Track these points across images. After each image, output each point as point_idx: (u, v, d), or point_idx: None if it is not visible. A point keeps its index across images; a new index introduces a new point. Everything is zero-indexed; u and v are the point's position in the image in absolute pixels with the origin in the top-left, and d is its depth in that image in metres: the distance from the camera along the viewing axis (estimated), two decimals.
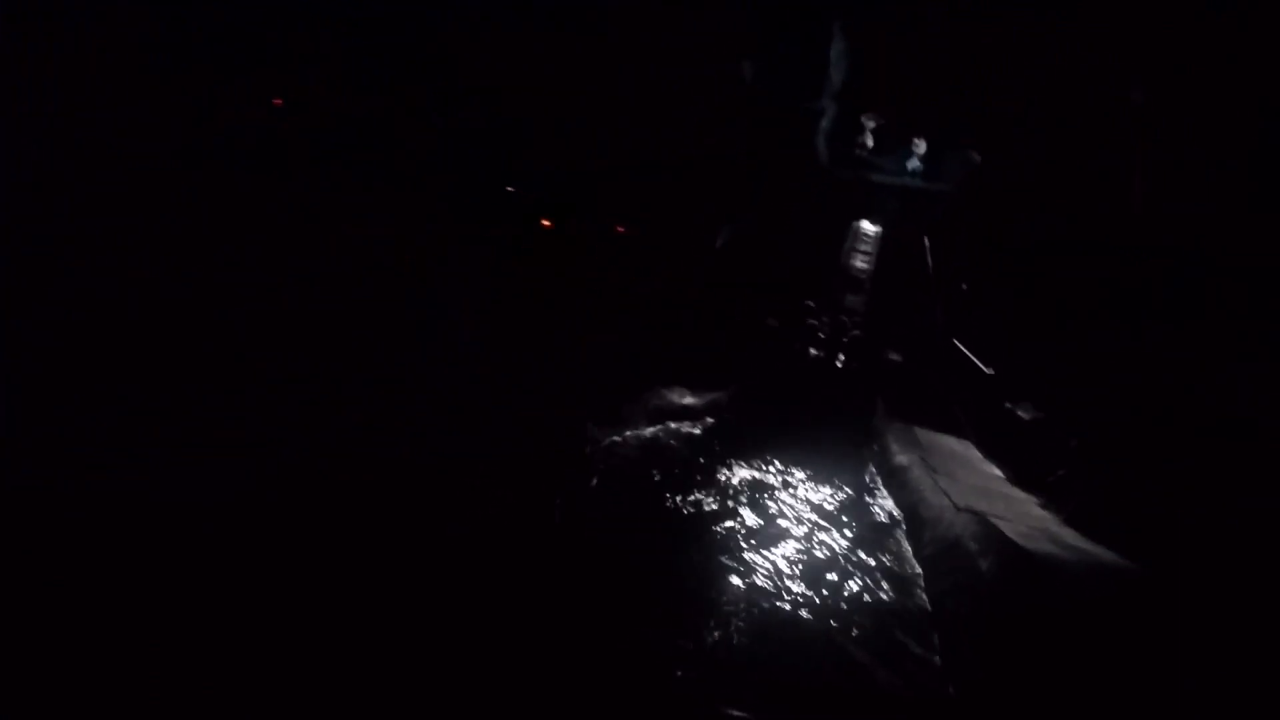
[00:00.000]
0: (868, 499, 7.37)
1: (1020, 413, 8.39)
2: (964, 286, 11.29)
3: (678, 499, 6.58)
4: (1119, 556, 5.47)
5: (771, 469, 7.70)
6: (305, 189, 7.37)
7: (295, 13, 7.36)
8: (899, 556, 6.12)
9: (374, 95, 7.99)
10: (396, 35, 8.28)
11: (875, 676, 4.59)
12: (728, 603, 5.04)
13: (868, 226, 14.29)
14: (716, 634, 4.70)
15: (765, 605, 5.11)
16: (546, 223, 10.53)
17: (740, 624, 4.85)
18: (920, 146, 14.50)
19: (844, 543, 6.23)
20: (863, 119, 14.79)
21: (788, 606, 5.16)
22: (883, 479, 7.98)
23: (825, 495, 7.29)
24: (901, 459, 8.00)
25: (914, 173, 14.48)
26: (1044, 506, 6.73)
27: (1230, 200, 6.42)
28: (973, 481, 7.19)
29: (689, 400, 9.33)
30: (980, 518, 5.77)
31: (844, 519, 6.75)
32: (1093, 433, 7.10)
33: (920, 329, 11.22)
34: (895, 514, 7.01)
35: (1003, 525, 5.59)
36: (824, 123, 14.74)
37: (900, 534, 6.56)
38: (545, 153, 10.37)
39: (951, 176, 13.80)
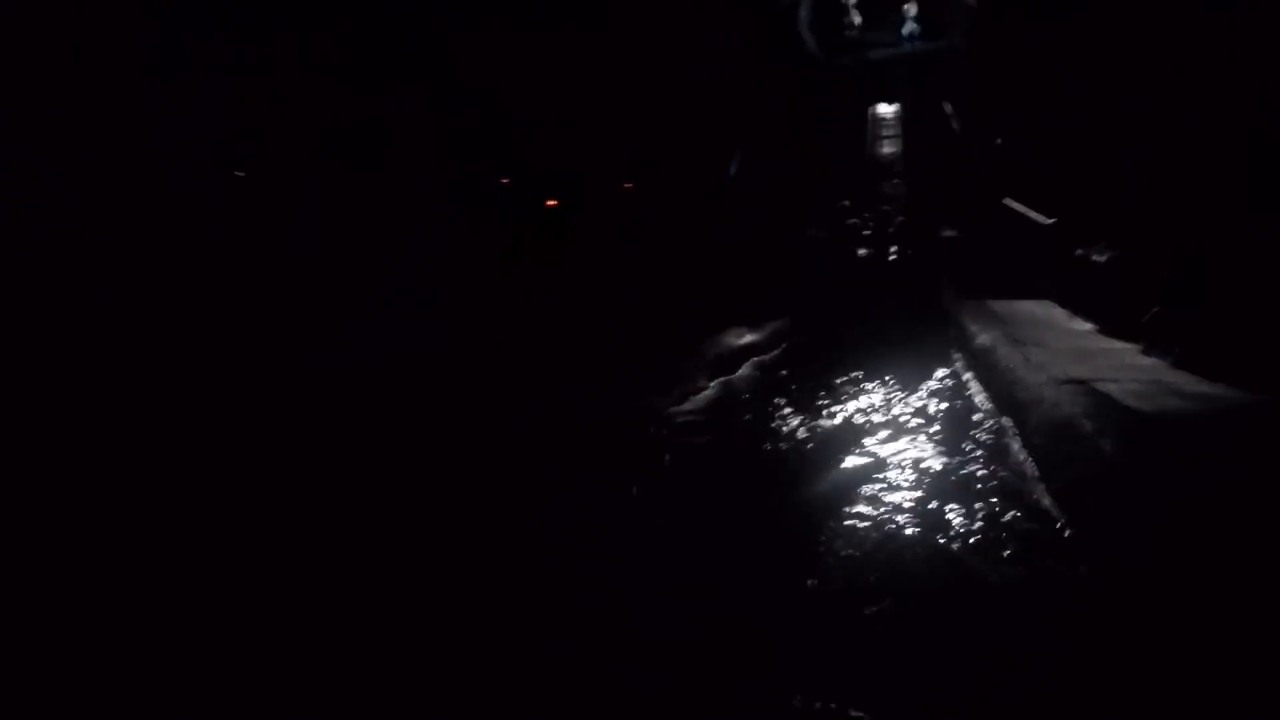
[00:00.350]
0: (959, 394, 6.81)
1: (1094, 256, 7.58)
2: (999, 142, 10.50)
3: (758, 451, 5.88)
4: (1246, 393, 4.85)
5: (849, 386, 7.17)
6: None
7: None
8: (1005, 455, 5.28)
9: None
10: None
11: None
12: (830, 549, 4.24)
13: (884, 109, 13.25)
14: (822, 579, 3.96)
15: (872, 545, 4.26)
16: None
17: (853, 561, 4.06)
18: (912, 8, 13.55)
19: (943, 455, 5.41)
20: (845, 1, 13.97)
21: (897, 545, 4.28)
22: (969, 366, 7.38)
23: (913, 401, 6.71)
24: (984, 339, 7.34)
25: (913, 37, 13.53)
26: (1147, 352, 6.16)
27: None
28: (1064, 345, 6.61)
29: (749, 338, 8.75)
30: (1086, 387, 5.10)
31: (938, 424, 6.10)
32: (1182, 258, 6.40)
33: (966, 198, 10.52)
34: (990, 405, 6.29)
35: (1112, 390, 4.94)
36: (802, 13, 13.71)
37: (1003, 425, 5.78)
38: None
39: (954, 29, 12.79)
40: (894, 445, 5.75)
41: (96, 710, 3.15)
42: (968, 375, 7.19)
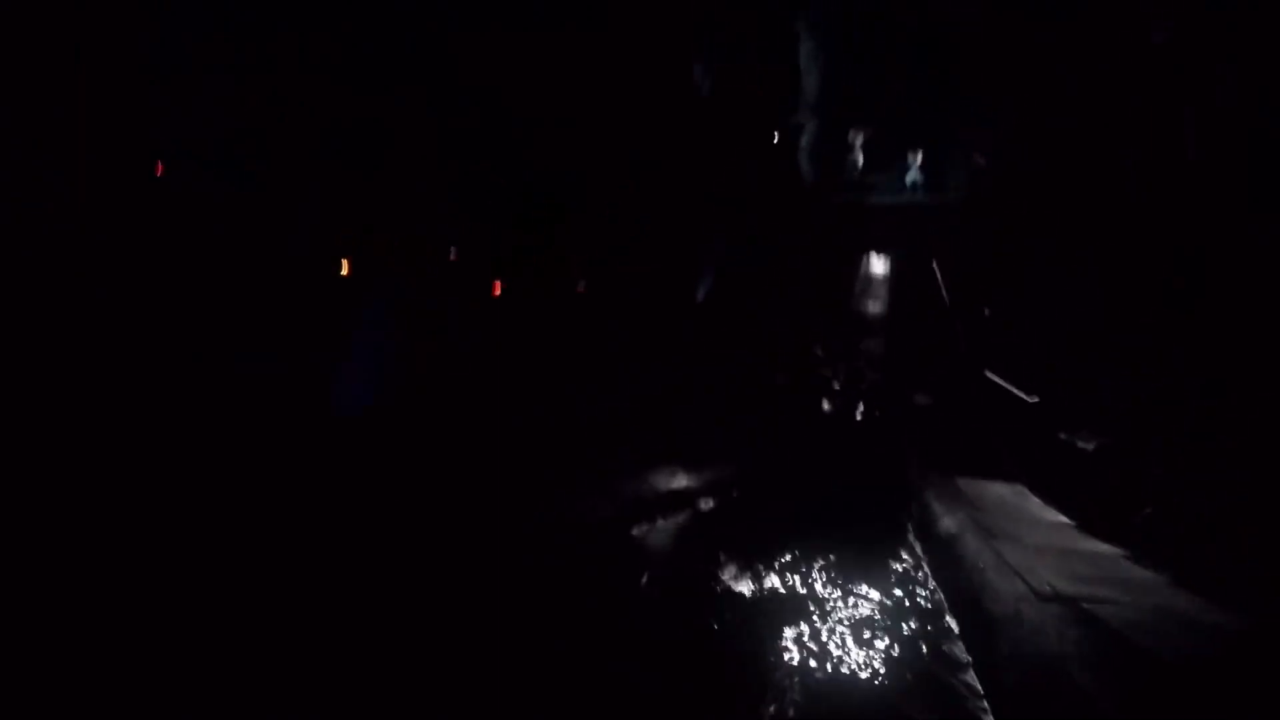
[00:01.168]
0: (910, 590, 5.64)
1: (1080, 443, 7.02)
2: (986, 311, 9.99)
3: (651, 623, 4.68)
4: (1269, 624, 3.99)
5: (785, 563, 6.01)
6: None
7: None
8: (961, 695, 4.09)
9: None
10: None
11: None
12: None
13: (875, 263, 12.59)
14: None
15: None
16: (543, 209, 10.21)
17: None
18: (917, 157, 12.67)
19: (883, 680, 4.27)
20: (850, 134, 12.82)
21: None
22: (927, 555, 6.39)
23: (855, 596, 5.50)
24: (948, 522, 6.44)
25: (915, 186, 12.63)
26: (1139, 560, 5.24)
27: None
28: (1041, 541, 5.67)
29: (683, 483, 7.72)
30: (1076, 609, 4.07)
31: (879, 633, 4.87)
32: (1181, 456, 5.86)
33: (945, 366, 10.04)
34: (947, 613, 5.18)
35: (1112, 618, 3.95)
36: (804, 139, 12.91)
37: (960, 649, 4.64)
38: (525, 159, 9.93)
39: (956, 185, 12.22)
40: (822, 657, 4.52)
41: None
42: (925, 570, 6.11)
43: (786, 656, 4.46)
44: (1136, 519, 5.80)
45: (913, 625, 5.00)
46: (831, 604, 5.34)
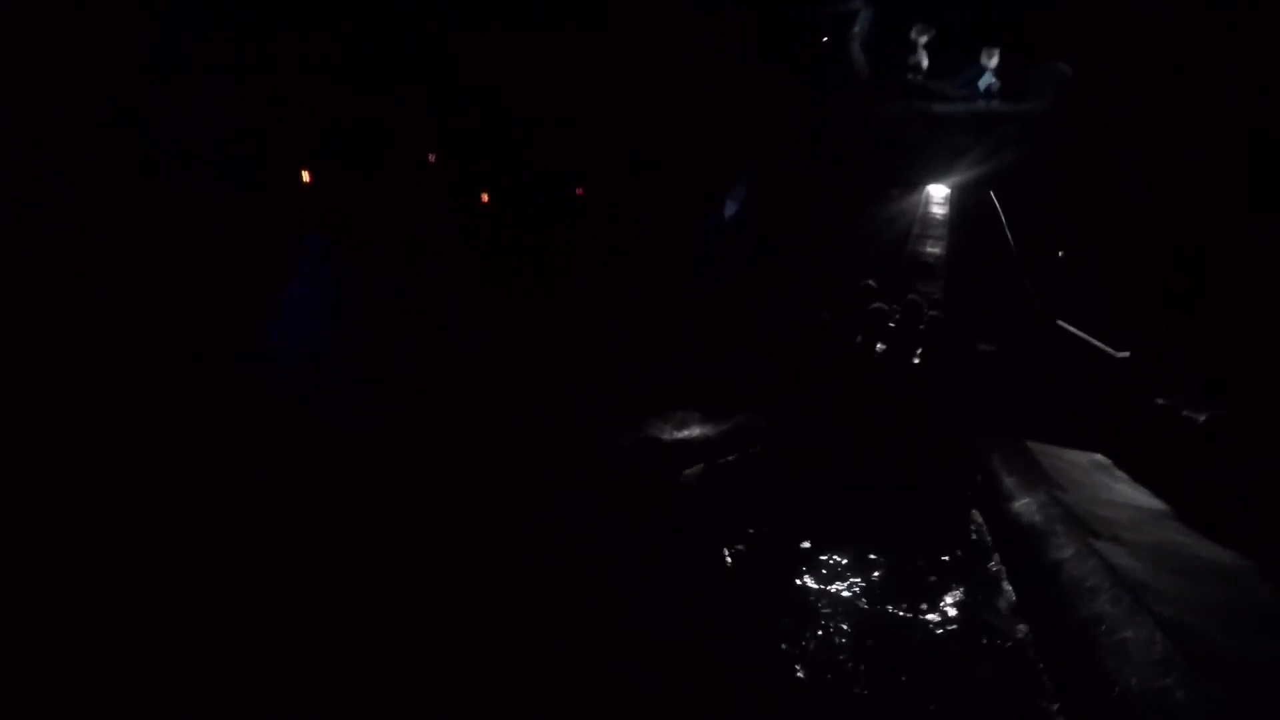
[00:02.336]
0: (980, 617, 4.13)
1: (1187, 412, 5.78)
2: (1060, 254, 8.64)
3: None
4: None
5: (808, 554, 4.88)
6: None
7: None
8: None
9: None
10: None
11: None
12: None
13: (935, 193, 10.39)
14: None
15: None
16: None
17: None
18: (993, 58, 10.23)
19: None
20: (912, 32, 10.58)
21: None
22: (1003, 555, 4.99)
23: (904, 605, 4.25)
24: (1026, 505, 5.14)
25: (989, 93, 10.21)
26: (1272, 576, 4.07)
27: None
28: (1147, 539, 4.38)
29: (695, 431, 6.69)
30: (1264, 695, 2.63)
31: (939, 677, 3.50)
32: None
33: (1012, 312, 8.66)
34: (1042, 672, 3.53)
35: None
36: (857, 27, 10.59)
37: None
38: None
39: (1042, 94, 9.94)
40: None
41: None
42: (998, 579, 4.65)
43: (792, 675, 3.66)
44: (1265, 519, 4.65)
45: (984, 675, 3.43)
46: (870, 602, 4.21)
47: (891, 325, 7.62)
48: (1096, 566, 3.89)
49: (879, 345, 7.37)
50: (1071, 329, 7.90)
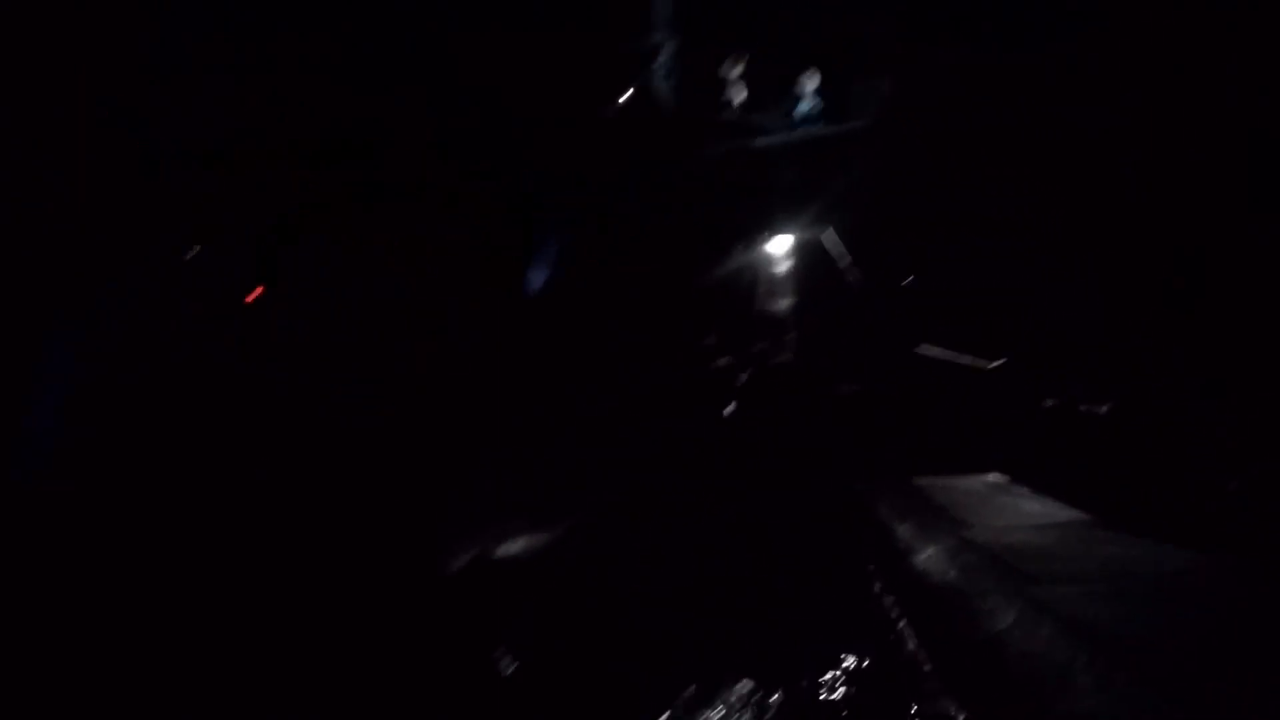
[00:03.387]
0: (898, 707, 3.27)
1: (1085, 406, 5.46)
2: (910, 278, 8.04)
3: None
4: None
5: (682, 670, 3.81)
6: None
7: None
8: None
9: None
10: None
11: None
12: None
13: (777, 242, 9.56)
14: None
15: None
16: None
17: None
18: (812, 80, 9.59)
19: None
20: (722, 69, 9.60)
21: None
22: (909, 615, 4.10)
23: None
24: (934, 558, 4.22)
25: (812, 116, 9.52)
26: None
27: None
28: (1095, 561, 3.81)
29: (513, 548, 5.63)
30: None
31: None
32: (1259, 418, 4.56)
33: (870, 350, 7.88)
34: None
35: None
36: (659, 62, 9.33)
37: None
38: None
39: (863, 111, 9.35)
40: None
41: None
42: (913, 661, 3.72)
43: None
44: (1211, 506, 4.20)
45: None
46: None
47: (738, 382, 6.67)
48: (1054, 633, 2.91)
49: (727, 409, 6.38)
50: (934, 351, 7.14)
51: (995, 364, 6.67)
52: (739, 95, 9.69)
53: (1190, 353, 6.28)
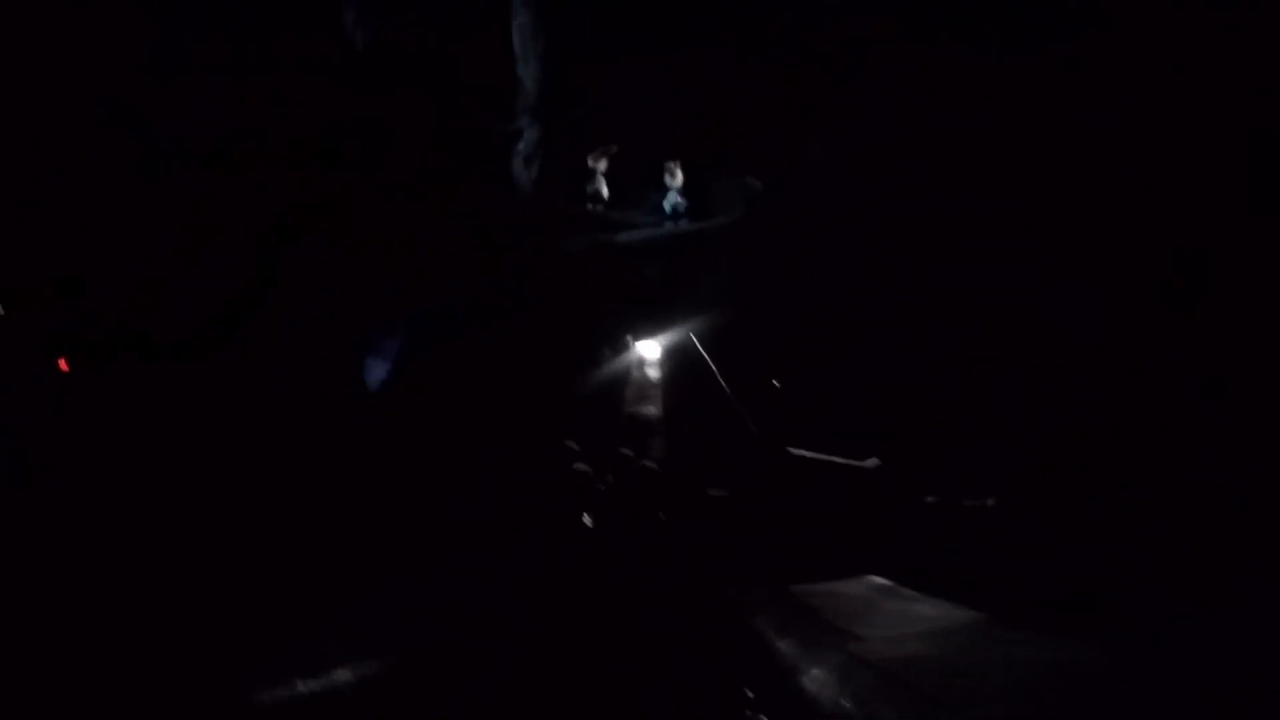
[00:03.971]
0: None
1: (969, 501, 5.24)
2: (775, 382, 7.71)
3: None
4: None
5: None
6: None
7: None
8: None
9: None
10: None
11: None
12: None
13: (647, 349, 9.03)
14: None
15: None
16: None
17: None
18: (677, 176, 9.23)
19: None
20: (589, 160, 9.19)
21: None
22: None
23: None
24: (823, 679, 3.71)
25: (677, 213, 9.21)
26: None
27: None
28: (1010, 675, 3.45)
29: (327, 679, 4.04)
30: None
31: None
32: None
33: (739, 453, 7.48)
34: None
35: None
36: (520, 145, 8.91)
37: None
38: None
39: (730, 206, 9.03)
40: None
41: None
42: None
43: None
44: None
45: None
46: None
47: (599, 487, 6.18)
48: None
49: (585, 517, 5.75)
50: (806, 453, 6.71)
51: (869, 463, 6.27)
52: (603, 188, 9.31)
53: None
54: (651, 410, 8.55)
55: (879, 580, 5.30)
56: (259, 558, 4.80)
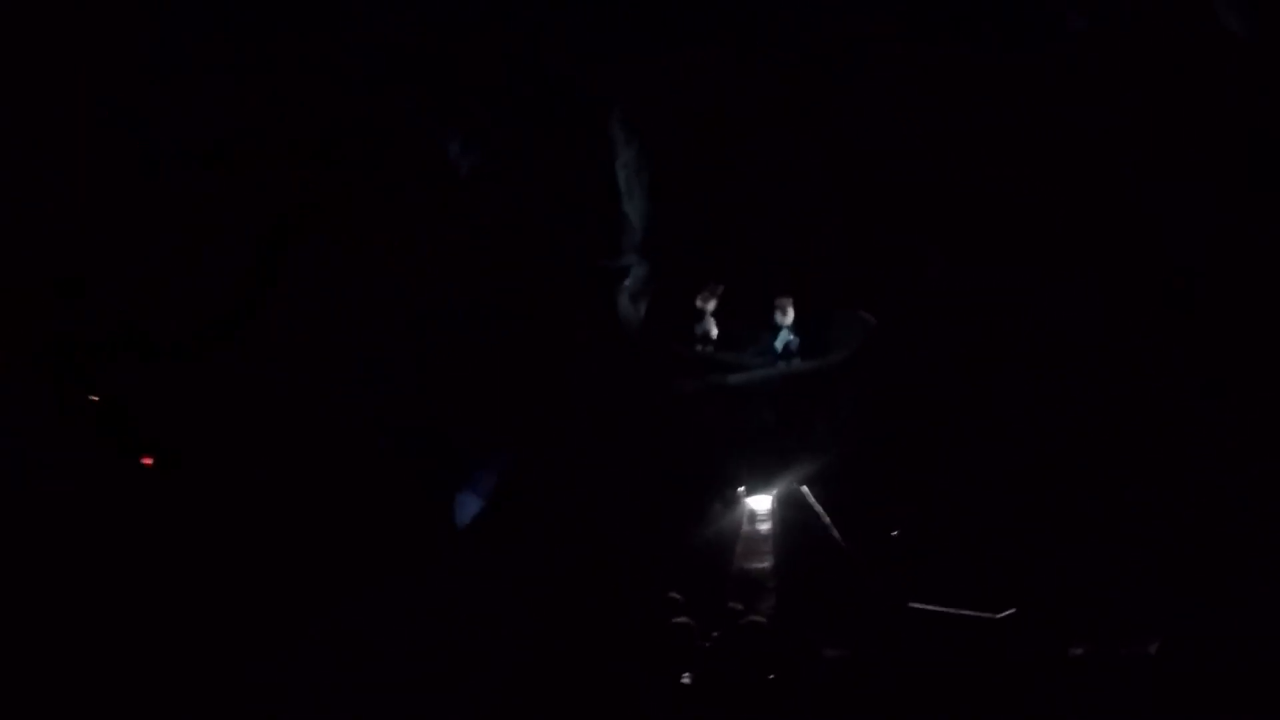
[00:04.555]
0: None
1: (1126, 649, 4.64)
2: (894, 532, 7.45)
3: None
4: None
5: None
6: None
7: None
8: None
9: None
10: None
11: None
12: None
13: (757, 503, 8.56)
14: None
15: None
16: None
17: None
18: (788, 313, 8.80)
19: None
20: (698, 300, 8.86)
21: None
22: None
23: None
24: None
25: (790, 351, 8.79)
26: None
27: None
28: None
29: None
30: None
31: None
32: None
33: (858, 605, 6.93)
34: None
35: None
36: (628, 281, 8.59)
37: None
38: None
39: (845, 342, 8.67)
40: None
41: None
42: None
43: None
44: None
45: None
46: None
47: (696, 640, 5.72)
48: None
49: (684, 677, 5.25)
50: (931, 607, 6.35)
51: (1004, 614, 5.72)
52: (712, 328, 8.90)
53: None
54: (762, 566, 7.98)
55: None
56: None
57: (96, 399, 5.73)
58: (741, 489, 8.34)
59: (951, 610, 6.06)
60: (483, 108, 8.44)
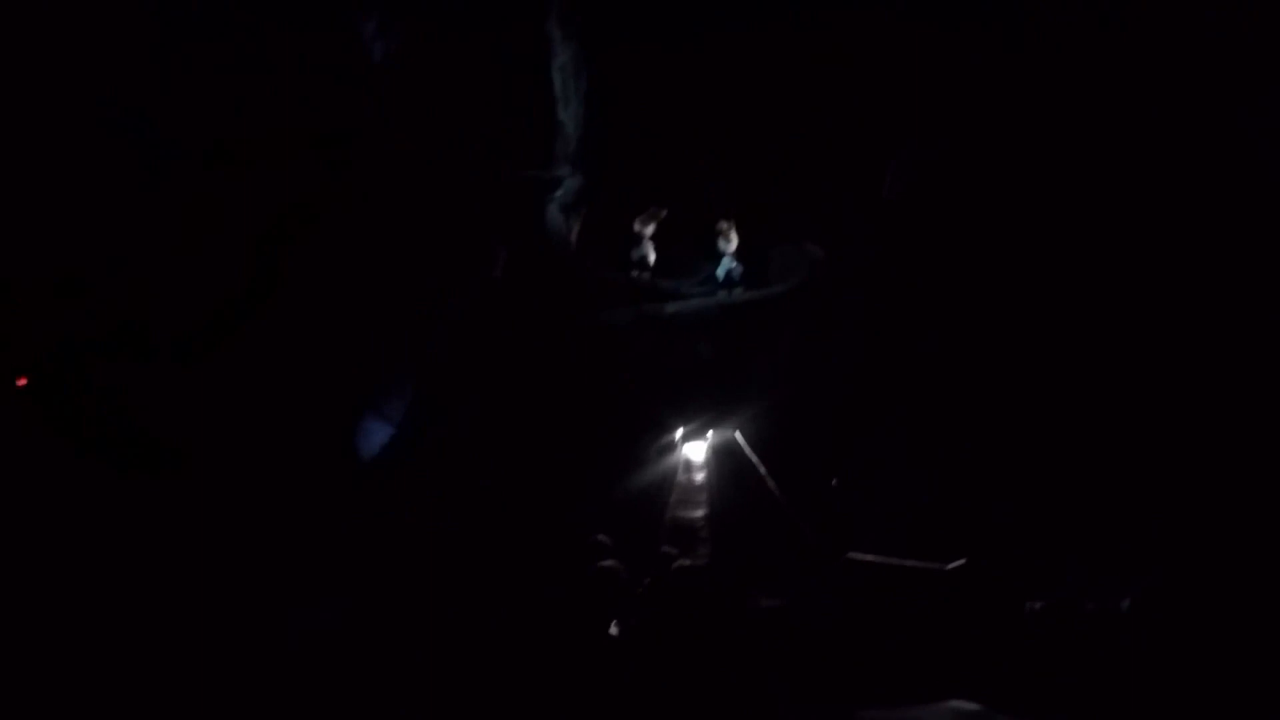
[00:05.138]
0: None
1: (1094, 603, 4.34)
2: (834, 481, 7.01)
3: None
4: None
5: None
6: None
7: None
8: None
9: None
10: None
11: None
12: None
13: (693, 452, 8.01)
14: None
15: None
16: None
17: None
18: (732, 240, 8.20)
19: None
20: (636, 224, 8.22)
21: None
22: None
23: None
24: None
25: (732, 280, 8.21)
26: None
27: None
28: None
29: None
30: None
31: None
32: None
33: (793, 561, 6.67)
34: None
35: None
36: (559, 197, 7.87)
37: None
38: None
39: (786, 277, 8.16)
40: None
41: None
42: None
43: None
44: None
45: None
46: None
47: (623, 578, 5.34)
48: None
49: (612, 625, 4.91)
50: (869, 557, 5.95)
51: (953, 565, 5.37)
52: (650, 253, 8.25)
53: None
54: (697, 515, 7.49)
55: (966, 705, 4.18)
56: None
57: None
58: (677, 436, 7.83)
59: (894, 561, 5.72)
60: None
